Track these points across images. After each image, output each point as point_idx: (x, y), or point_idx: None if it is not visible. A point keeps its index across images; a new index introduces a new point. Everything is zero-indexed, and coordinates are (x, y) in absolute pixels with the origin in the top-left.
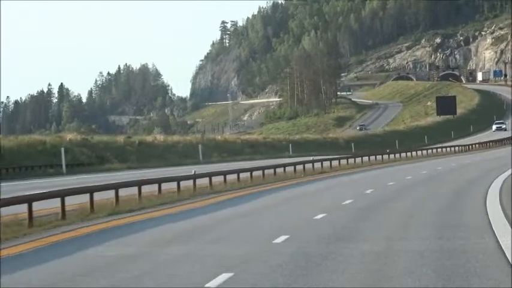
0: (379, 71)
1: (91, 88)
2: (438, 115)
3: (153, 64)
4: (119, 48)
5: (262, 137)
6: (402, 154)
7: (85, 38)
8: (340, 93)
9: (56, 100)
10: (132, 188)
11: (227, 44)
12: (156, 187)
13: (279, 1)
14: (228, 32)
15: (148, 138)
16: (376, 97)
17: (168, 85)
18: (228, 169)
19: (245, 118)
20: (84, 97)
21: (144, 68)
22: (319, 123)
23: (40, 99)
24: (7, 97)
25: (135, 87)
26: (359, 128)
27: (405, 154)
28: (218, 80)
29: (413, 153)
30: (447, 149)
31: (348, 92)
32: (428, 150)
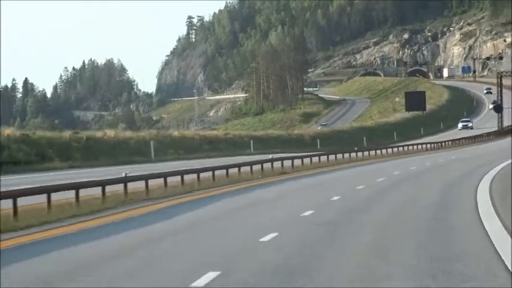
0: (346, 67)
1: (56, 83)
2: (407, 111)
3: (119, 59)
4: (84, 43)
5: (222, 133)
6: (371, 152)
7: (50, 33)
8: (307, 89)
9: (21, 95)
10: (44, 196)
11: (193, 40)
12: (82, 193)
13: None
14: (195, 27)
15: (97, 134)
16: (343, 93)
17: (134, 80)
18: (173, 169)
19: (211, 114)
20: (49, 92)
21: (110, 63)
22: (285, 119)
23: (4, 94)
24: None
25: (100, 82)
26: (320, 128)
27: (374, 152)
28: (184, 76)
29: (383, 150)
30: (418, 147)
31: (315, 88)
32: (399, 147)
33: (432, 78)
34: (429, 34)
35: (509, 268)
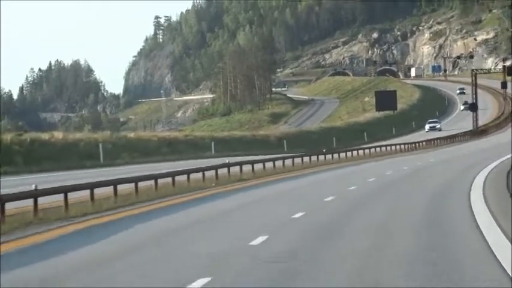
0: (315, 67)
1: (22, 85)
2: (377, 111)
3: (85, 60)
4: (50, 44)
5: (183, 134)
6: (341, 154)
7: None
8: (275, 89)
9: None
10: None
11: (161, 40)
12: None
13: None
14: (162, 28)
15: (43, 136)
16: (312, 93)
17: (101, 81)
18: (107, 179)
19: (179, 115)
20: (15, 94)
21: (76, 64)
22: (253, 119)
23: None
24: None
25: (67, 83)
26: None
27: (345, 154)
28: (152, 76)
29: (353, 152)
30: (391, 148)
31: (284, 88)
32: (371, 149)
33: (402, 77)
34: (398, 33)
35: None
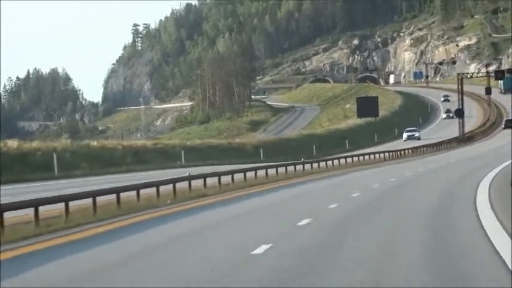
0: (295, 74)
1: (0, 93)
2: (359, 117)
3: (63, 68)
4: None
5: (152, 143)
6: (321, 163)
7: None
8: (255, 96)
9: None
10: None
11: (139, 47)
12: None
13: (193, 2)
14: (140, 35)
15: None
16: (292, 100)
17: (79, 90)
18: (43, 196)
19: (158, 123)
20: None
21: (54, 73)
22: (232, 127)
23: None
24: None
25: (45, 92)
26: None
27: (325, 163)
28: (131, 84)
29: (335, 161)
30: (376, 156)
31: (263, 96)
32: (353, 157)
33: (383, 84)
34: (379, 40)
35: None
